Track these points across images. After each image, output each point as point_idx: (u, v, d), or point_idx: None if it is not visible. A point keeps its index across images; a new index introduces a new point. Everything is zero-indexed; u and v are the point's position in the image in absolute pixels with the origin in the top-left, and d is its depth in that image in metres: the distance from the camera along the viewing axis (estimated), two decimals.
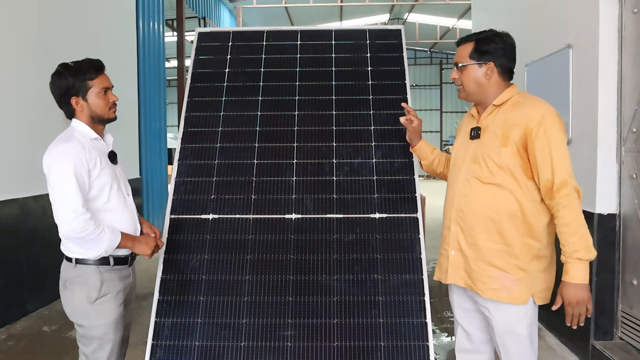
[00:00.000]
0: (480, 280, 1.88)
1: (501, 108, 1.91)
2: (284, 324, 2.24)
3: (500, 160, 1.83)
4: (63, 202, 1.83)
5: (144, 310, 3.98)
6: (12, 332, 3.78)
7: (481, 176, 1.88)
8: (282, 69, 2.89)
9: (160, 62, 7.57)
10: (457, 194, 1.96)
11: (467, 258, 1.92)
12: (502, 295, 1.84)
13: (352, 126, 2.68)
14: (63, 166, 1.84)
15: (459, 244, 1.95)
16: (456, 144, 2.10)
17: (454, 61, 2.01)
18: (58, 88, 1.96)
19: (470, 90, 1.96)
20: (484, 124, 1.94)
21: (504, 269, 1.84)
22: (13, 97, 4.01)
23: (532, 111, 1.80)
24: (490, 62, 1.90)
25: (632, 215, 2.90)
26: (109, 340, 1.97)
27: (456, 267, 1.97)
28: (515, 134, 1.81)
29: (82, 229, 1.83)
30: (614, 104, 2.96)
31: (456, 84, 2.01)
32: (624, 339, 2.98)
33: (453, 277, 1.98)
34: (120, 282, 2.03)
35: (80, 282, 1.95)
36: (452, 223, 1.97)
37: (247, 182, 2.55)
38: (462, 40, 1.98)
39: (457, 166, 2.02)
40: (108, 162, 2.02)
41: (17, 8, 4.08)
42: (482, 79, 1.92)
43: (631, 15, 2.88)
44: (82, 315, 1.96)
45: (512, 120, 1.84)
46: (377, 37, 2.99)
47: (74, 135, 1.94)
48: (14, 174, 4.00)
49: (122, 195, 2.05)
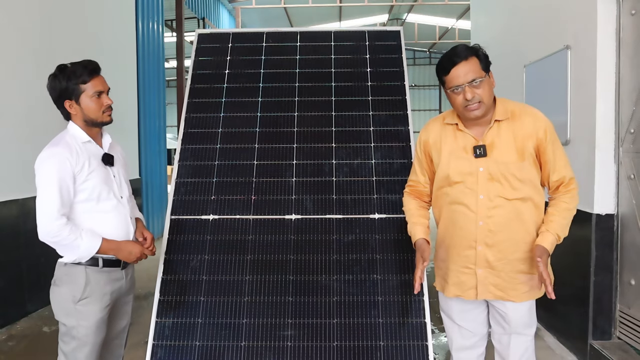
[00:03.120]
0: (512, 288, 1.91)
1: (503, 121, 1.90)
2: (284, 324, 2.25)
3: (522, 175, 1.86)
4: (41, 205, 1.86)
5: (144, 310, 3.98)
6: (12, 332, 3.78)
7: (505, 194, 1.86)
8: (281, 70, 2.90)
9: (159, 62, 7.58)
10: (482, 216, 1.89)
11: (499, 272, 1.91)
12: (533, 294, 1.94)
13: (351, 127, 2.70)
14: (46, 170, 1.87)
15: (487, 262, 1.92)
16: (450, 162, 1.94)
17: (465, 80, 1.82)
18: (53, 90, 1.97)
19: (489, 103, 1.86)
20: (487, 141, 1.89)
21: (529, 271, 1.91)
22: (12, 98, 4.02)
23: (537, 122, 1.89)
24: (489, 71, 1.90)
25: (630, 215, 2.91)
26: (88, 342, 1.95)
27: (486, 284, 1.94)
28: (529, 146, 1.86)
29: (55, 234, 1.85)
30: (611, 105, 2.98)
31: (473, 102, 1.83)
32: (622, 339, 2.99)
33: (483, 294, 1.94)
34: (108, 284, 2.00)
35: (67, 281, 1.97)
36: (477, 244, 1.91)
37: (247, 182, 2.56)
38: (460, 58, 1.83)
39: (469, 188, 1.90)
40: (100, 165, 2.00)
41: (17, 8, 4.08)
42: (492, 90, 1.90)
43: (629, 17, 2.89)
44: (65, 313, 1.97)
45: (522, 133, 1.87)
46: (376, 38, 3.01)
47: (64, 139, 1.95)
48: (13, 175, 4.00)
49: (115, 198, 2.02)
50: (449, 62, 1.84)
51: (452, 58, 1.84)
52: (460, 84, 1.82)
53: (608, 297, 3.01)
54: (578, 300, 3.13)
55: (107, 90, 2.02)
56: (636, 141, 2.85)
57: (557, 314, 3.40)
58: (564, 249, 3.28)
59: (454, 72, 1.83)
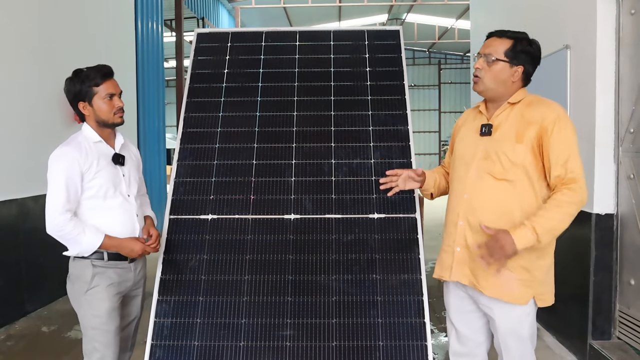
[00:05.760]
0: (485, 278, 1.87)
1: (515, 106, 1.91)
2: (283, 323, 2.24)
3: (514, 157, 1.83)
4: (49, 201, 1.98)
5: (143, 311, 3.97)
6: (11, 332, 3.78)
7: (494, 172, 1.86)
8: (281, 70, 2.90)
9: (158, 62, 7.57)
10: (468, 189, 1.92)
11: (473, 255, 1.89)
12: (503, 293, 1.84)
13: (350, 127, 2.69)
14: (56, 168, 2.00)
15: (465, 241, 1.92)
16: (462, 140, 2.04)
17: (483, 51, 1.90)
18: (69, 93, 2.10)
19: (491, 86, 1.90)
20: (496, 121, 1.92)
21: (508, 267, 1.82)
22: (12, 98, 4.01)
23: (548, 111, 1.83)
24: (521, 65, 1.88)
25: (629, 215, 2.91)
26: (103, 330, 2.04)
27: (461, 264, 1.94)
28: (531, 131, 1.83)
29: (60, 228, 1.97)
30: (611, 105, 2.98)
31: (477, 74, 1.92)
32: (621, 339, 2.99)
33: (457, 275, 1.95)
34: (115, 275, 2.10)
35: (77, 275, 2.09)
36: (459, 218, 1.93)
37: (246, 182, 2.56)
38: (499, 33, 1.91)
39: (466, 163, 1.96)
40: (109, 164, 2.11)
41: (16, 9, 4.08)
42: (509, 79, 1.89)
43: (629, 16, 2.89)
44: (79, 305, 2.09)
45: (528, 118, 1.85)
46: (375, 37, 3.00)
47: (76, 139, 2.08)
48: (13, 175, 4.00)
49: (122, 196, 2.13)
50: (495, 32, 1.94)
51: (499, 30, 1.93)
52: (480, 52, 1.93)
53: (607, 297, 3.01)
54: (577, 300, 3.12)
55: (119, 93, 2.14)
56: (636, 141, 2.85)
57: (556, 313, 3.40)
58: (564, 248, 3.28)
59: (486, 41, 1.95)
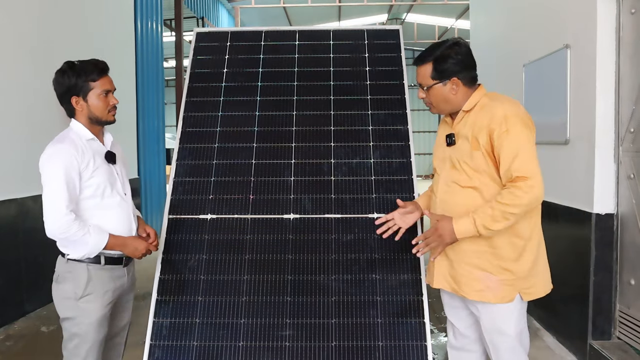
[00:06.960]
0: (466, 283, 1.90)
1: (471, 112, 1.92)
2: (283, 324, 2.24)
3: (474, 164, 1.86)
4: (49, 202, 1.87)
5: (142, 311, 3.95)
6: (10, 332, 3.77)
7: (460, 180, 1.91)
8: (280, 69, 2.89)
9: (158, 62, 7.56)
10: (439, 198, 1.99)
11: (452, 262, 1.95)
12: (486, 295, 1.86)
13: (350, 126, 2.68)
14: (53, 167, 1.88)
15: None
16: (435, 150, 2.13)
17: (417, 82, 1.99)
18: (60, 86, 1.98)
19: (441, 107, 1.98)
20: (456, 130, 1.97)
21: (487, 270, 1.86)
22: (11, 97, 4.01)
23: (496, 112, 1.81)
24: (453, 77, 1.89)
25: (629, 215, 2.91)
26: (89, 339, 1.98)
27: (441, 272, 2.00)
28: (482, 136, 1.83)
29: (65, 230, 1.86)
30: (611, 104, 2.97)
31: (425, 103, 2.01)
32: (621, 339, 2.99)
33: (439, 282, 2.02)
34: (110, 282, 2.03)
35: (70, 278, 1.98)
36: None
37: (245, 182, 2.55)
38: (419, 61, 1.96)
39: (438, 173, 2.05)
40: (104, 162, 2.04)
41: (16, 8, 4.07)
42: (449, 94, 1.92)
43: (629, 16, 2.89)
44: (67, 310, 1.99)
45: (479, 123, 1.86)
46: (375, 37, 3.00)
47: (68, 136, 1.97)
48: (12, 174, 3.99)
49: (119, 195, 2.07)
50: (415, 60, 1.97)
51: (418, 57, 1.96)
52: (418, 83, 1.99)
53: (608, 297, 3.01)
54: (577, 300, 3.12)
55: (113, 90, 2.06)
56: (636, 140, 2.84)
57: (556, 313, 3.39)
58: (564, 248, 3.28)
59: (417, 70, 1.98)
